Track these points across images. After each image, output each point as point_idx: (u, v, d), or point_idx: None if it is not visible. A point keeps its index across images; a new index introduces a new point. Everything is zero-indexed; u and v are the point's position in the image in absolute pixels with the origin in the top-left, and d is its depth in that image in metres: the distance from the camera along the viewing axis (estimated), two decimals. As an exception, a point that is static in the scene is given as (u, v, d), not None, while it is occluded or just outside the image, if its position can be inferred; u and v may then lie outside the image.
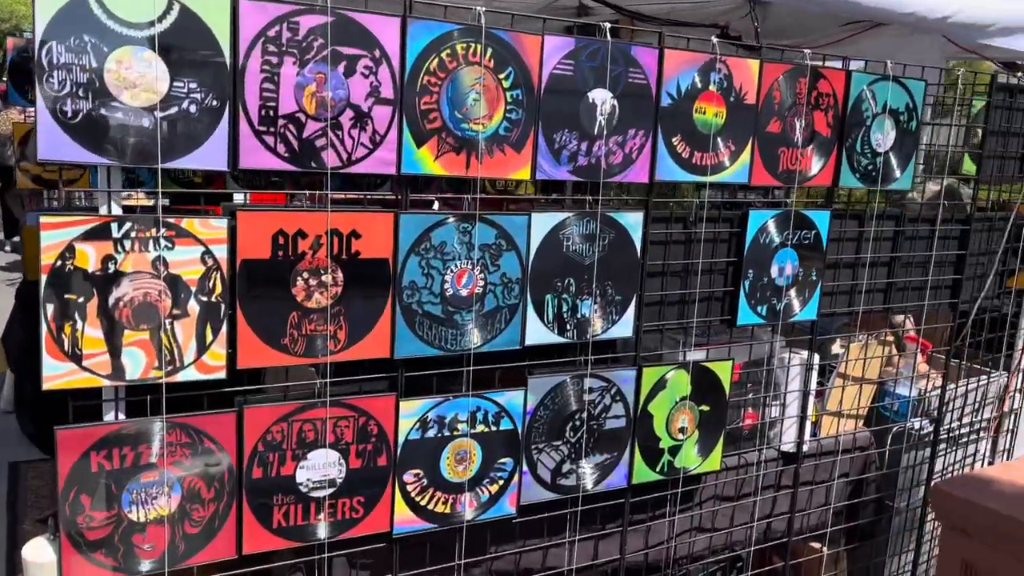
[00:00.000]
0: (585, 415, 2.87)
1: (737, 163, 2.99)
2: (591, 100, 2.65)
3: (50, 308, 2.03)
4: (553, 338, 2.77)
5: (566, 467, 2.89)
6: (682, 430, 3.12)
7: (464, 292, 2.56)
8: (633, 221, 2.83)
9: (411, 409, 2.56)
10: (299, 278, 2.31)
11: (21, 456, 3.82)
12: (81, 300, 2.05)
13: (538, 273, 2.69)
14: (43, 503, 3.82)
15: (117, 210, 2.10)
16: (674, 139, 2.85)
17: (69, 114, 1.97)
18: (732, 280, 3.15)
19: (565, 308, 2.76)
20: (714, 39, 2.87)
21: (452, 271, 2.53)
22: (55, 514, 2.16)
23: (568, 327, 2.78)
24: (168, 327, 2.16)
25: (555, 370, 2.82)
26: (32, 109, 4.60)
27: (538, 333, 2.73)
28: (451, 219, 2.50)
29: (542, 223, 2.67)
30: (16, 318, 4.24)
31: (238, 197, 3.67)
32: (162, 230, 2.11)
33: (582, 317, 2.79)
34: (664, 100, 2.79)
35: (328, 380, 2.40)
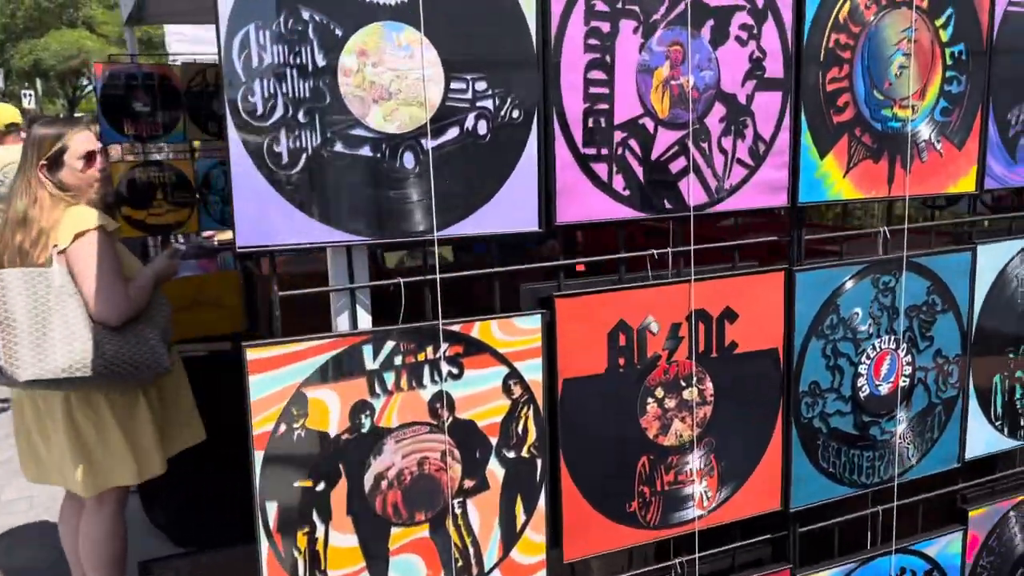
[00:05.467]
0: (1044, 555, 1.81)
1: None
2: (1060, 51, 1.60)
3: (271, 508, 1.13)
4: (1004, 442, 1.72)
5: (1018, 638, 1.83)
6: None
7: (885, 388, 1.55)
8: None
9: (815, 587, 1.56)
10: (650, 399, 1.35)
11: (151, 550, 2.90)
12: (322, 488, 1.15)
13: (983, 342, 1.65)
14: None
15: (366, 320, 1.19)
16: None
17: (284, 161, 1.07)
18: None
19: (1020, 394, 1.71)
20: None
21: (868, 357, 1.52)
22: None
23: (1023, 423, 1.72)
24: (458, 512, 1.24)
25: (995, 494, 1.78)
26: (127, 145, 3.78)
27: (982, 438, 1.69)
28: (867, 270, 1.49)
29: (989, 259, 1.63)
30: None
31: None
32: (444, 347, 1.19)
33: (1043, 404, 1.73)
34: None
35: (697, 556, 1.43)
